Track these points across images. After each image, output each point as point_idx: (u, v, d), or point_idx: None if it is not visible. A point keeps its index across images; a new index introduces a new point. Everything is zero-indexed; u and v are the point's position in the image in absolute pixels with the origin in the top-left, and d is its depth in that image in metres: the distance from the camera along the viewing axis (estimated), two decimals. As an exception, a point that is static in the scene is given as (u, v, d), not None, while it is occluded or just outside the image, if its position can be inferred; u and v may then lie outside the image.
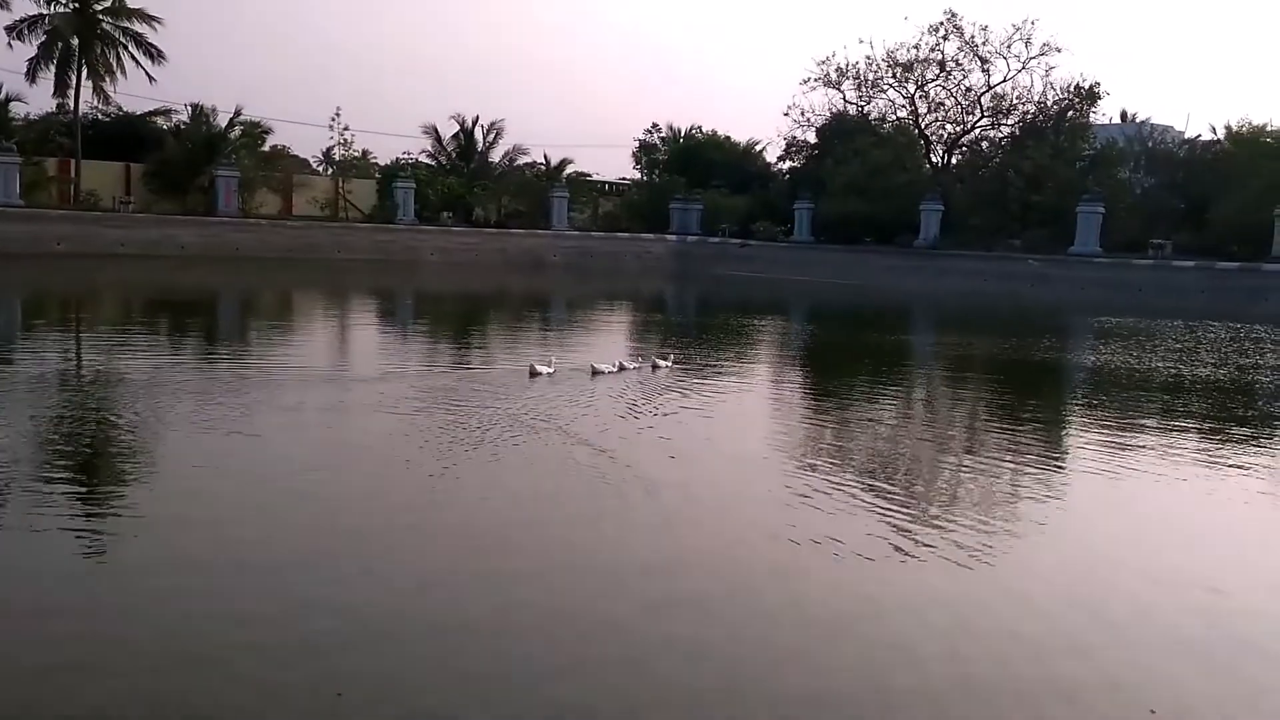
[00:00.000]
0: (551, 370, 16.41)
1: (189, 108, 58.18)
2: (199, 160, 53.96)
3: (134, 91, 58.79)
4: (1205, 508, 10.75)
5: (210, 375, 16.25)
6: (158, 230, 47.97)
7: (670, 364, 17.94)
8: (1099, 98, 58.22)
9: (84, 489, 9.67)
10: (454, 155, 65.51)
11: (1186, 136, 61.74)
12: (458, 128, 65.29)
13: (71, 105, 53.42)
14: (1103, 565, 8.46)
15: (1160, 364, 22.54)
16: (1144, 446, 13.53)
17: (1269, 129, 55.23)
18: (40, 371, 15.93)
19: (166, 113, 59.43)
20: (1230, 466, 12.55)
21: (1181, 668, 6.52)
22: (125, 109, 58.27)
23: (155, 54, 53.81)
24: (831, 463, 11.80)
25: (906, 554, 8.26)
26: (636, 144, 73.06)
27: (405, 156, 65.08)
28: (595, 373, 16.68)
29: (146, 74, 53.90)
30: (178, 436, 11.58)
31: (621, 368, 17.27)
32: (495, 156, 66.26)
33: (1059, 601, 7.57)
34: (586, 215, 67.24)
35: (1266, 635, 7.09)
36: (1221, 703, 6.07)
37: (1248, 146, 53.73)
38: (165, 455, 11.02)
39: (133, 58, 53.50)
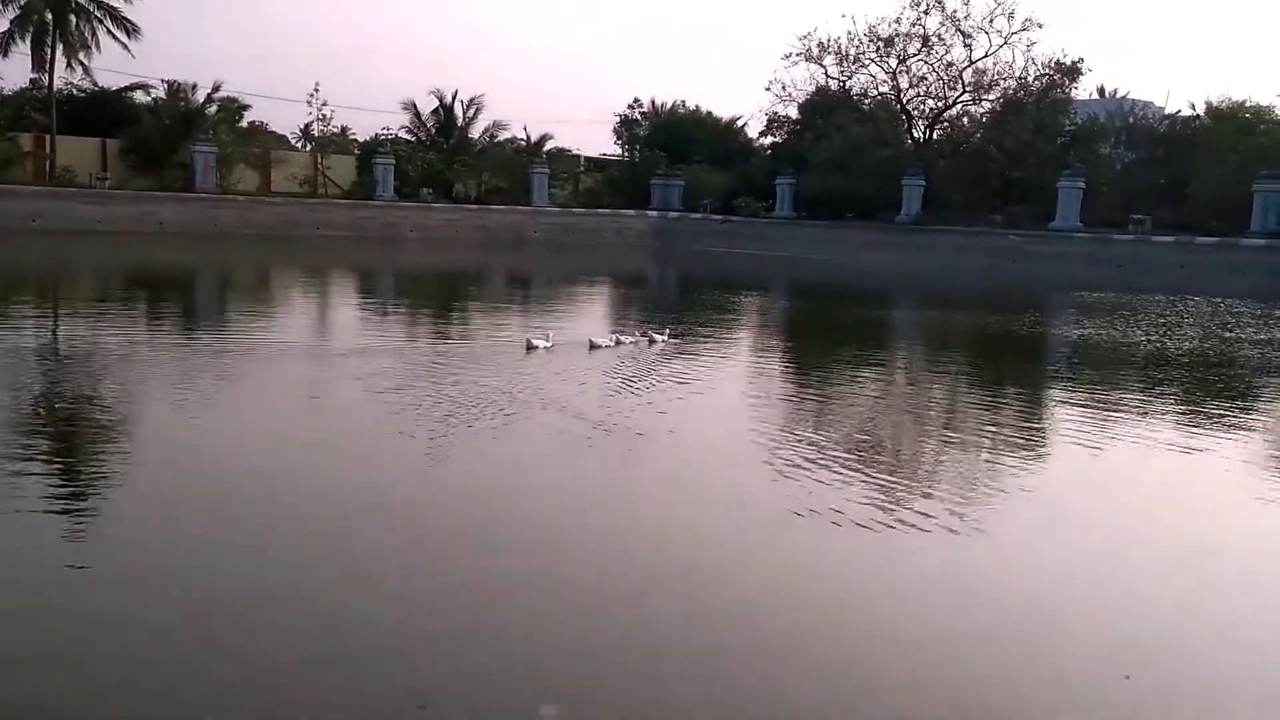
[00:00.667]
0: (549, 344, 16.36)
1: (165, 83, 57.59)
2: (176, 136, 53.40)
3: (110, 67, 58.27)
4: (1186, 477, 10.84)
5: (193, 351, 16.10)
6: (135, 207, 47.54)
7: (666, 338, 18.03)
8: (1081, 73, 58.27)
9: (61, 467, 9.54)
10: (433, 131, 64.97)
11: (1167, 112, 61.89)
12: (437, 103, 64.72)
13: (46, 80, 52.79)
14: (1085, 534, 8.50)
15: (1142, 338, 22.69)
16: (1126, 417, 13.63)
17: (1248, 105, 55.45)
18: (16, 347, 15.76)
19: (143, 88, 58.79)
20: (1211, 437, 12.64)
21: (1157, 637, 6.53)
22: (101, 84, 57.65)
23: (130, 28, 53.16)
24: (825, 434, 11.82)
25: (890, 523, 8.27)
26: (618, 119, 72.83)
27: (384, 132, 64.33)
28: (593, 347, 16.71)
29: (124, 46, 53.42)
30: (158, 413, 11.49)
31: (619, 341, 17.28)
32: (475, 132, 65.77)
33: (1040, 568, 7.62)
34: (567, 191, 66.87)
35: (1243, 606, 7.12)
36: (1195, 673, 6.09)
37: (1227, 122, 53.87)
38: (144, 433, 10.91)
39: (109, 32, 52.91)
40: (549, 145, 67.38)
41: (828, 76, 63.94)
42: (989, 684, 5.77)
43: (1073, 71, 57.98)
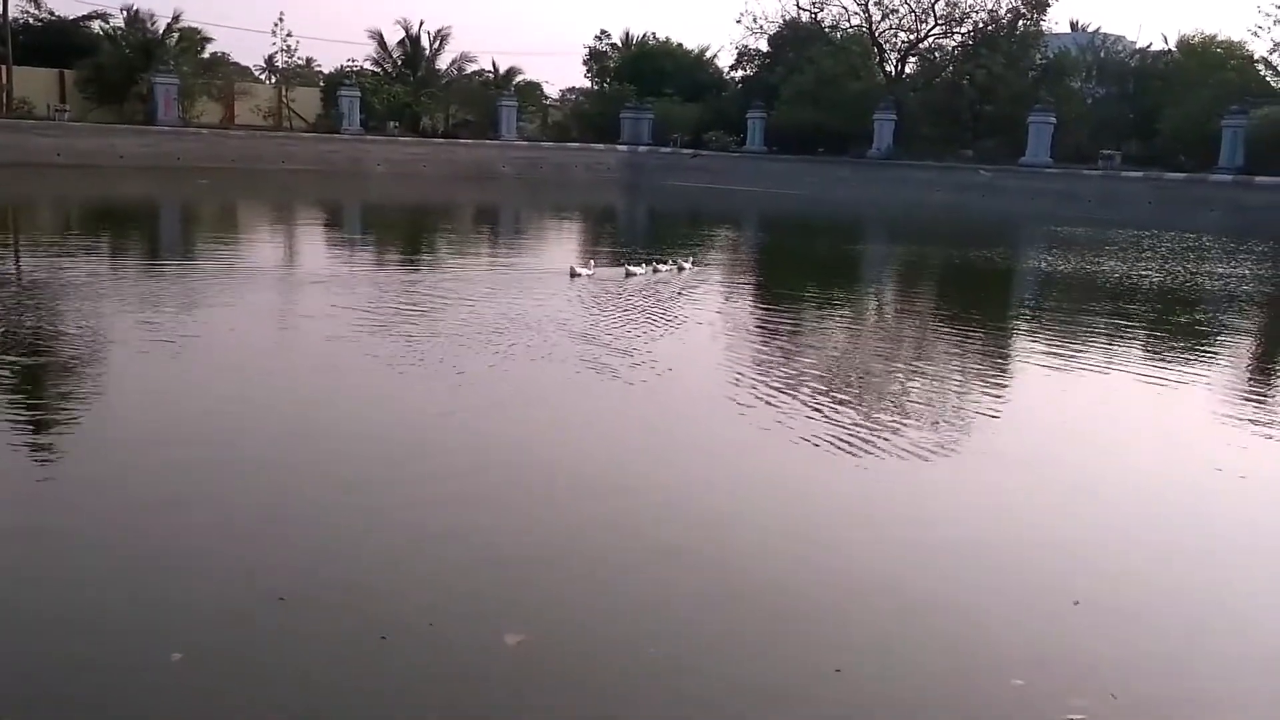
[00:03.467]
0: (591, 272, 17.94)
1: (124, 12, 56.13)
2: (136, 67, 52.05)
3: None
4: (1148, 407, 11.06)
5: (199, 280, 15.95)
6: (95, 139, 46.46)
7: (692, 266, 19.95)
8: (1048, 5, 57.81)
9: (30, 402, 9.37)
10: (400, 63, 63.63)
11: (1138, 47, 61.83)
12: (403, 34, 63.45)
13: (1, 9, 51.32)
14: (1047, 464, 8.64)
15: (1110, 271, 22.99)
16: (1093, 349, 14.01)
17: (1219, 39, 55.47)
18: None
19: (101, 17, 57.26)
20: (1175, 368, 12.96)
21: (1109, 563, 6.56)
22: (57, 13, 56.14)
23: (85, -46, 51.78)
24: (827, 360, 12.10)
25: (854, 451, 8.41)
26: (587, 51, 71.82)
27: (350, 64, 63.12)
28: (629, 274, 18.35)
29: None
30: (159, 349, 11.32)
31: (655, 269, 19.01)
32: (442, 64, 64.47)
33: (999, 496, 7.75)
34: (536, 125, 66.12)
35: (1199, 535, 7.21)
36: (1146, 599, 6.10)
37: (1198, 57, 53.97)
38: (137, 369, 10.71)
39: (61, -43, 51.52)
40: (518, 78, 66.46)
41: (799, 8, 63.49)
42: (945, 609, 5.80)
43: (1040, 4, 57.58)
